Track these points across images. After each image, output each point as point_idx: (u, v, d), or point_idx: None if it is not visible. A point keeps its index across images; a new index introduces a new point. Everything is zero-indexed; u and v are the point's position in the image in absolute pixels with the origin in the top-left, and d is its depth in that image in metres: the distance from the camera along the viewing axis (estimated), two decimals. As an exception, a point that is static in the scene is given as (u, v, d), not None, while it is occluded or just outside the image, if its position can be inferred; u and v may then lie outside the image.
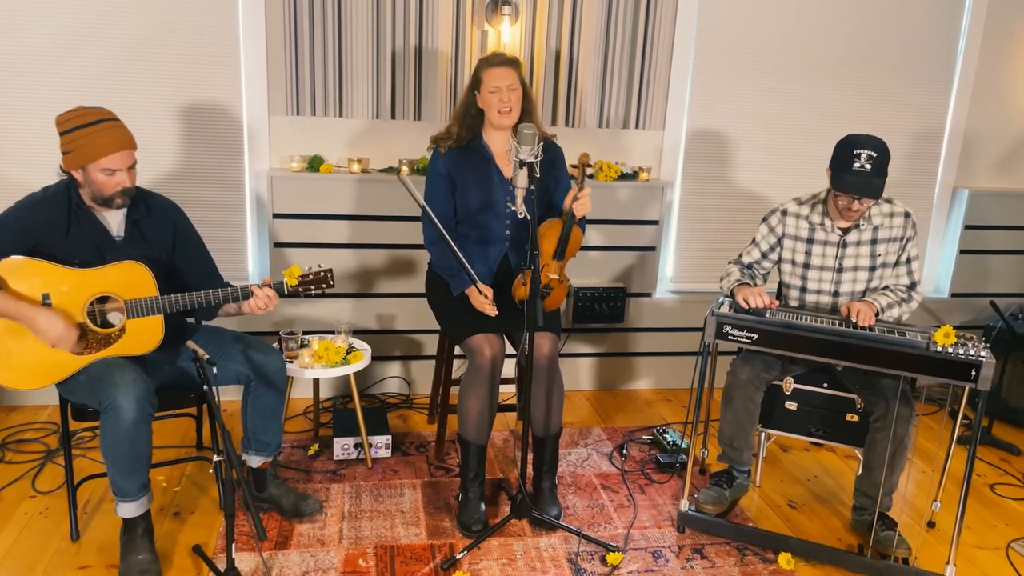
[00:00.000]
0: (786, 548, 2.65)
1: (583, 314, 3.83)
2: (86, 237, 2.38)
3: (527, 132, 2.49)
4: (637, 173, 3.77)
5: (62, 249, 2.34)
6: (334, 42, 3.39)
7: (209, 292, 2.43)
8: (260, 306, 2.49)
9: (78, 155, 2.29)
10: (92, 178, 2.32)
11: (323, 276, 2.57)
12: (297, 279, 2.53)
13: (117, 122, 2.35)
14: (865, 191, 2.56)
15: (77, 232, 2.37)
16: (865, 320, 2.53)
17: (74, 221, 2.37)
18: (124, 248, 2.43)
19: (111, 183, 2.33)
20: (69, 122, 2.31)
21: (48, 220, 2.34)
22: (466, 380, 2.74)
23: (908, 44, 3.90)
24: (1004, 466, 3.42)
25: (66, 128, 2.31)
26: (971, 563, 2.71)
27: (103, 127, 2.31)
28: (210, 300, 2.44)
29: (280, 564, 2.49)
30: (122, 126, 2.36)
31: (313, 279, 2.55)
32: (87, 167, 2.30)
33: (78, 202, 2.37)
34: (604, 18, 3.57)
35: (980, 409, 2.40)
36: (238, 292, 2.47)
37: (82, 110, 2.33)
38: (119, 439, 2.27)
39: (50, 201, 2.36)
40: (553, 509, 2.80)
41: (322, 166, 3.48)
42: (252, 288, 2.48)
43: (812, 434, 2.95)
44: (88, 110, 2.33)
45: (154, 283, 2.39)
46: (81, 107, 2.35)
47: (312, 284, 2.55)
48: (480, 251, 2.83)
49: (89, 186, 2.34)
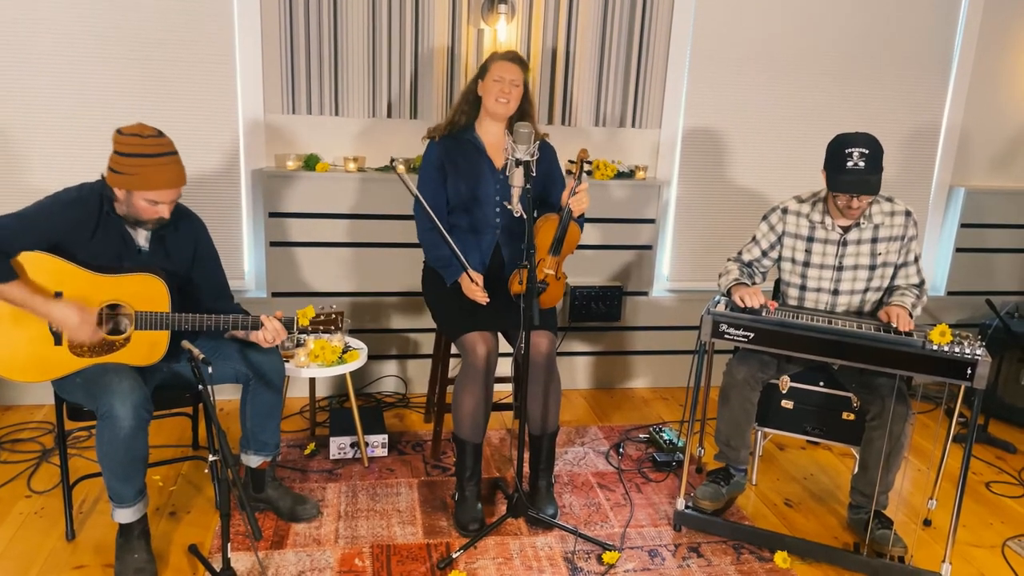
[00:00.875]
0: (782, 547, 2.65)
1: (580, 313, 3.83)
2: (110, 243, 2.38)
3: (523, 131, 2.49)
4: (633, 172, 3.77)
5: (84, 251, 2.34)
6: (330, 41, 3.38)
7: (219, 317, 2.43)
8: (268, 339, 2.49)
9: (128, 179, 2.28)
10: (134, 203, 2.32)
11: (334, 319, 2.57)
12: (309, 320, 2.53)
13: (176, 157, 2.34)
14: (862, 188, 2.56)
15: (103, 237, 2.36)
16: (905, 325, 2.52)
17: (101, 226, 2.36)
18: (146, 260, 2.44)
19: (151, 211, 2.34)
20: (130, 146, 2.27)
21: (77, 221, 2.33)
22: (460, 378, 2.74)
23: (904, 42, 3.90)
24: (1000, 464, 3.43)
25: (125, 151, 2.28)
26: (967, 561, 2.72)
27: (163, 162, 2.29)
28: (219, 324, 2.44)
29: (276, 564, 2.49)
30: (179, 163, 2.35)
31: (324, 320, 2.56)
32: (133, 192, 2.30)
33: (109, 210, 2.37)
34: (600, 16, 3.57)
35: (976, 407, 2.40)
36: (248, 322, 2.47)
37: (146, 136, 2.29)
38: (116, 447, 2.27)
39: (83, 202, 2.35)
40: (550, 508, 2.80)
41: (318, 165, 3.47)
42: (262, 318, 2.48)
43: (808, 433, 2.95)
44: (153, 140, 2.29)
45: (168, 299, 2.39)
46: (143, 128, 2.30)
47: (322, 325, 2.56)
48: (472, 240, 2.84)
49: (127, 206, 2.34)
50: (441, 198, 2.85)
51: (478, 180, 2.83)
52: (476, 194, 2.83)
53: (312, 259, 3.57)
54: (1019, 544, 2.82)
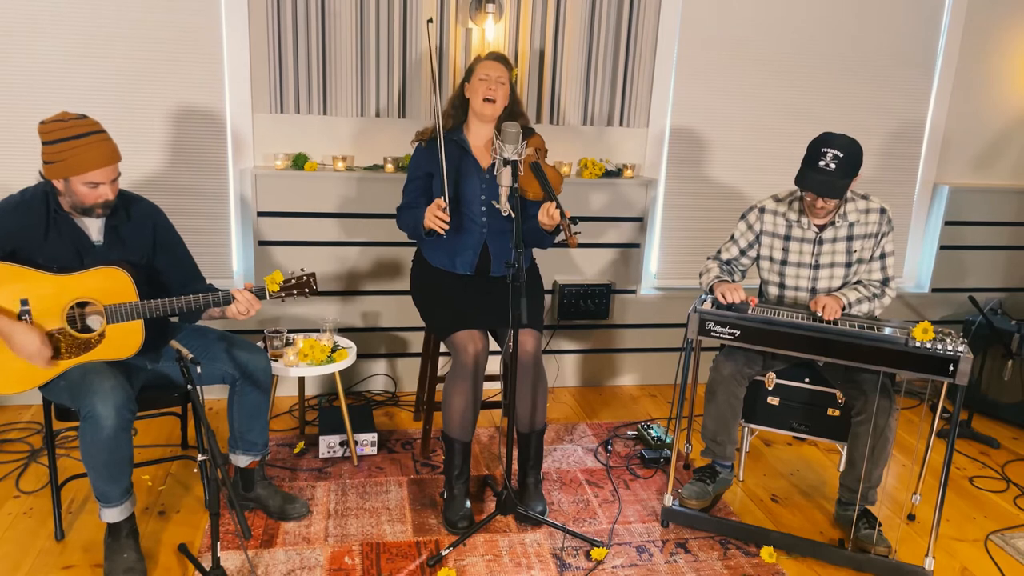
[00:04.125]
0: (768, 542, 2.68)
1: (568, 311, 3.85)
2: (65, 242, 2.35)
3: (511, 131, 2.51)
4: (621, 170, 3.78)
5: (40, 254, 2.31)
6: (318, 40, 3.38)
7: (189, 297, 2.39)
8: (242, 311, 2.45)
9: (62, 167, 2.25)
10: (74, 189, 2.29)
11: (305, 280, 2.53)
12: (279, 284, 2.49)
13: (103, 135, 2.31)
14: (823, 190, 2.58)
15: (56, 237, 2.34)
16: (831, 314, 2.57)
17: (52, 226, 2.34)
18: (103, 253, 2.40)
19: (93, 195, 2.31)
20: (54, 132, 2.25)
21: (26, 225, 2.31)
22: (450, 377, 2.75)
23: (889, 41, 3.93)
24: (983, 459, 3.47)
25: (51, 138, 2.25)
26: (950, 555, 2.75)
27: (90, 141, 2.26)
28: (190, 305, 2.40)
29: (266, 562, 2.50)
30: (108, 139, 2.31)
31: (295, 284, 2.51)
32: (70, 179, 2.27)
33: (56, 208, 2.34)
34: (588, 16, 3.58)
35: (958, 403, 2.43)
36: (219, 297, 2.42)
37: (68, 120, 2.27)
38: (99, 447, 2.26)
39: (27, 205, 2.33)
40: (538, 505, 2.82)
41: (307, 164, 3.48)
42: (232, 292, 2.43)
43: (794, 429, 2.98)
44: (74, 121, 2.28)
45: (134, 288, 2.36)
46: (65, 114, 2.29)
47: (294, 288, 2.51)
48: (459, 239, 2.85)
49: (70, 196, 2.31)
50: (425, 200, 2.86)
51: (464, 180, 2.84)
52: (462, 194, 2.84)
53: (301, 258, 3.57)
54: (1002, 538, 2.86)
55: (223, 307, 2.46)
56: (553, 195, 2.61)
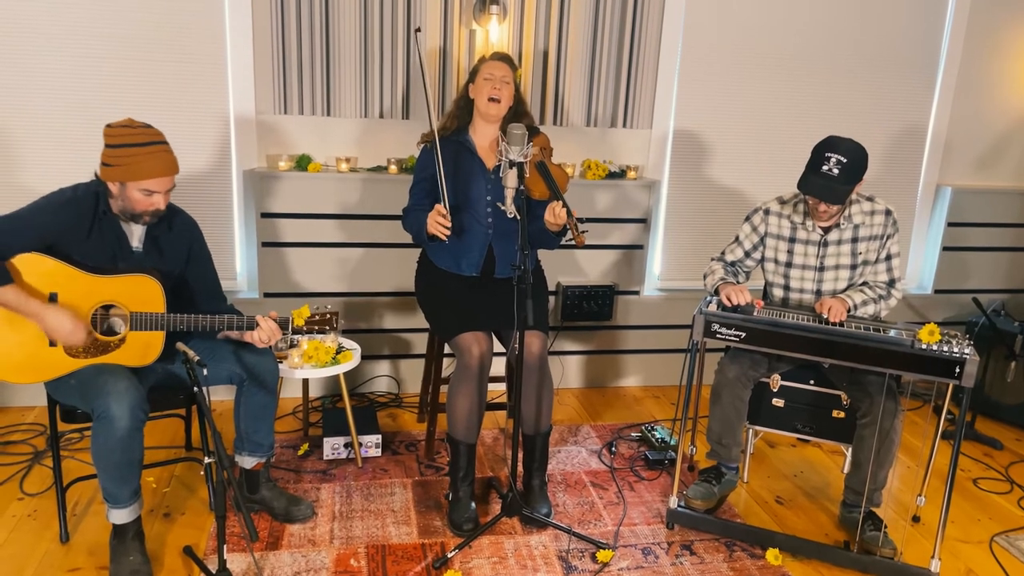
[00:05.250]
0: (773, 544, 2.68)
1: (571, 312, 3.85)
2: (105, 244, 2.38)
3: (516, 132, 2.51)
4: (625, 172, 3.78)
5: (78, 251, 2.34)
6: (321, 41, 3.38)
7: (214, 317, 2.44)
8: (263, 339, 2.49)
9: (121, 171, 2.29)
10: (128, 194, 2.32)
11: (329, 319, 2.58)
12: (304, 319, 2.53)
13: (166, 146, 2.36)
14: (824, 195, 2.58)
15: (98, 237, 2.37)
16: (836, 316, 2.57)
17: (96, 226, 2.36)
18: (140, 260, 2.44)
19: (146, 203, 2.34)
20: (120, 137, 2.30)
21: (72, 222, 2.33)
22: (455, 379, 2.75)
23: (892, 43, 3.93)
24: (987, 461, 3.47)
25: (116, 143, 2.30)
26: (955, 557, 2.75)
27: (153, 150, 2.31)
28: (214, 325, 2.44)
29: (271, 565, 2.49)
30: (170, 151, 2.36)
31: (319, 320, 2.56)
32: (127, 183, 2.31)
33: (105, 209, 2.37)
34: (592, 17, 3.58)
35: (964, 405, 2.43)
36: (243, 322, 2.47)
37: (135, 127, 2.33)
38: (112, 447, 2.27)
39: (78, 203, 2.35)
40: (543, 507, 2.82)
41: (310, 165, 3.47)
42: (257, 319, 2.48)
43: (799, 431, 2.98)
44: (142, 129, 2.33)
45: (163, 299, 2.39)
46: (132, 120, 2.34)
47: (316, 325, 2.56)
48: (465, 240, 2.85)
49: (123, 200, 2.34)
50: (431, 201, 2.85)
51: (469, 181, 2.84)
52: (467, 195, 2.84)
53: (304, 259, 3.57)
54: (1007, 540, 2.86)
55: (244, 331, 2.50)
56: (559, 194, 2.60)
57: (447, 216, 2.69)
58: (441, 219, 2.68)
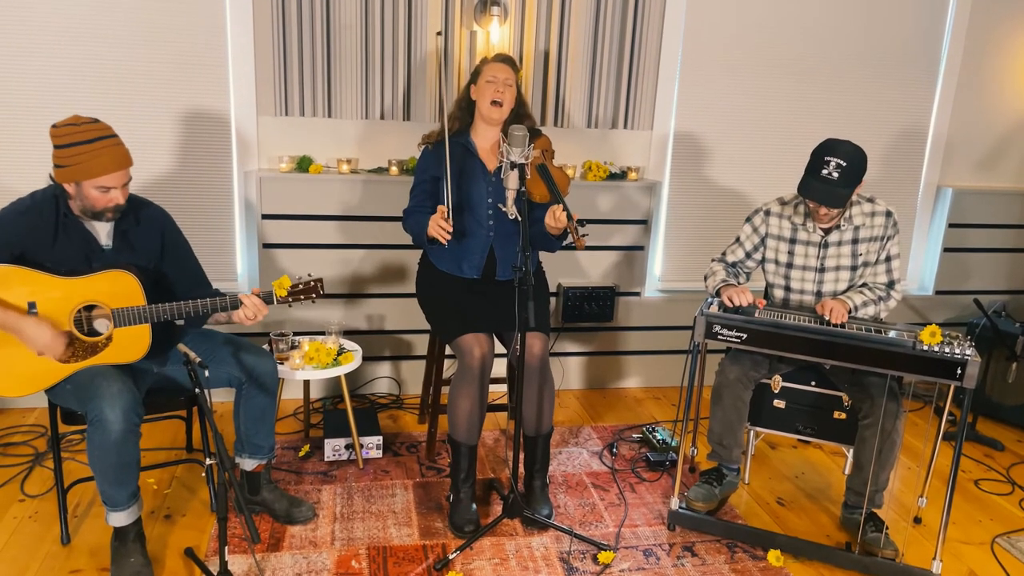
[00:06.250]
0: (775, 545, 2.68)
1: (573, 313, 3.85)
2: (74, 246, 2.36)
3: (517, 134, 2.51)
4: (626, 173, 3.78)
5: (49, 258, 2.32)
6: (323, 42, 3.38)
7: (197, 302, 2.41)
8: (249, 316, 2.46)
9: (74, 171, 2.26)
10: (85, 193, 2.29)
11: (312, 286, 2.55)
12: (286, 289, 2.51)
13: (115, 139, 2.32)
14: (825, 199, 2.58)
15: (65, 241, 2.34)
16: (838, 318, 2.56)
17: (61, 230, 2.34)
18: (112, 257, 2.41)
19: (104, 199, 2.32)
20: (66, 136, 2.26)
21: (35, 228, 2.31)
22: (456, 380, 2.74)
23: (893, 44, 3.93)
24: (988, 462, 3.47)
25: (63, 142, 2.26)
26: (957, 558, 2.75)
27: (102, 145, 2.27)
28: (198, 310, 2.41)
29: (273, 566, 2.49)
30: (120, 144, 2.32)
31: (303, 289, 2.54)
32: (81, 183, 2.28)
33: (66, 211, 2.35)
34: (592, 19, 3.58)
35: (965, 406, 2.43)
36: (226, 302, 2.44)
37: (80, 124, 2.28)
38: (106, 451, 2.26)
39: (37, 209, 2.33)
40: (544, 508, 2.81)
41: (311, 167, 3.47)
42: (240, 297, 2.45)
43: (800, 432, 2.98)
44: (87, 126, 2.28)
45: (141, 292, 2.37)
46: (77, 118, 2.30)
47: (301, 294, 2.53)
48: (467, 242, 2.85)
49: (81, 200, 2.32)
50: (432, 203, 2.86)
51: (470, 183, 2.84)
52: (469, 197, 2.84)
53: (306, 261, 3.57)
54: (1008, 541, 2.86)
55: (230, 312, 2.47)
56: (560, 197, 2.59)
57: (449, 220, 2.69)
58: (443, 223, 2.68)
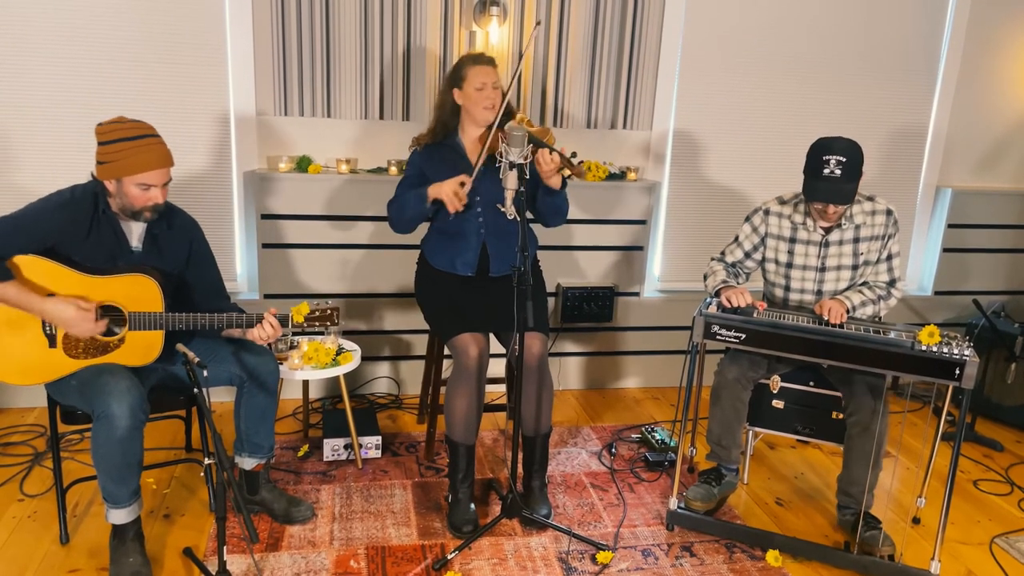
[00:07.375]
0: (774, 545, 2.68)
1: (571, 313, 3.85)
2: (104, 243, 2.38)
3: (516, 134, 2.51)
4: (625, 173, 3.79)
5: (79, 252, 2.34)
6: (322, 42, 3.38)
7: (215, 316, 2.43)
8: (263, 336, 2.48)
9: (116, 167, 2.29)
10: (126, 191, 2.33)
11: (329, 315, 2.57)
12: (303, 316, 2.53)
13: (159, 138, 2.36)
14: (835, 197, 2.59)
15: (96, 237, 2.37)
16: (836, 318, 2.56)
17: (95, 227, 2.37)
18: (139, 259, 2.44)
19: (144, 197, 2.35)
20: (111, 133, 2.30)
21: (71, 223, 2.34)
22: (452, 380, 2.75)
23: (893, 44, 3.93)
24: (987, 462, 3.47)
25: (108, 139, 2.30)
26: (955, 559, 2.75)
27: (146, 143, 2.32)
28: (214, 323, 2.44)
29: (271, 566, 2.50)
30: (163, 143, 2.37)
31: (319, 316, 2.56)
32: (123, 179, 2.31)
33: (104, 208, 2.38)
34: (592, 19, 3.59)
35: (964, 407, 2.43)
36: (243, 320, 2.47)
37: (125, 122, 2.33)
38: (112, 448, 2.27)
39: (76, 204, 2.36)
40: (543, 508, 2.82)
41: (310, 167, 3.47)
42: (265, 316, 2.47)
43: (798, 432, 2.98)
44: (131, 123, 2.34)
45: (161, 299, 2.39)
46: (122, 117, 2.35)
47: (317, 321, 2.56)
48: (460, 243, 2.85)
49: (120, 197, 2.35)
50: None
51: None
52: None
53: (305, 261, 3.57)
54: (1007, 541, 2.86)
55: (245, 329, 2.50)
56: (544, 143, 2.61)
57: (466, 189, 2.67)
58: (459, 188, 2.67)
